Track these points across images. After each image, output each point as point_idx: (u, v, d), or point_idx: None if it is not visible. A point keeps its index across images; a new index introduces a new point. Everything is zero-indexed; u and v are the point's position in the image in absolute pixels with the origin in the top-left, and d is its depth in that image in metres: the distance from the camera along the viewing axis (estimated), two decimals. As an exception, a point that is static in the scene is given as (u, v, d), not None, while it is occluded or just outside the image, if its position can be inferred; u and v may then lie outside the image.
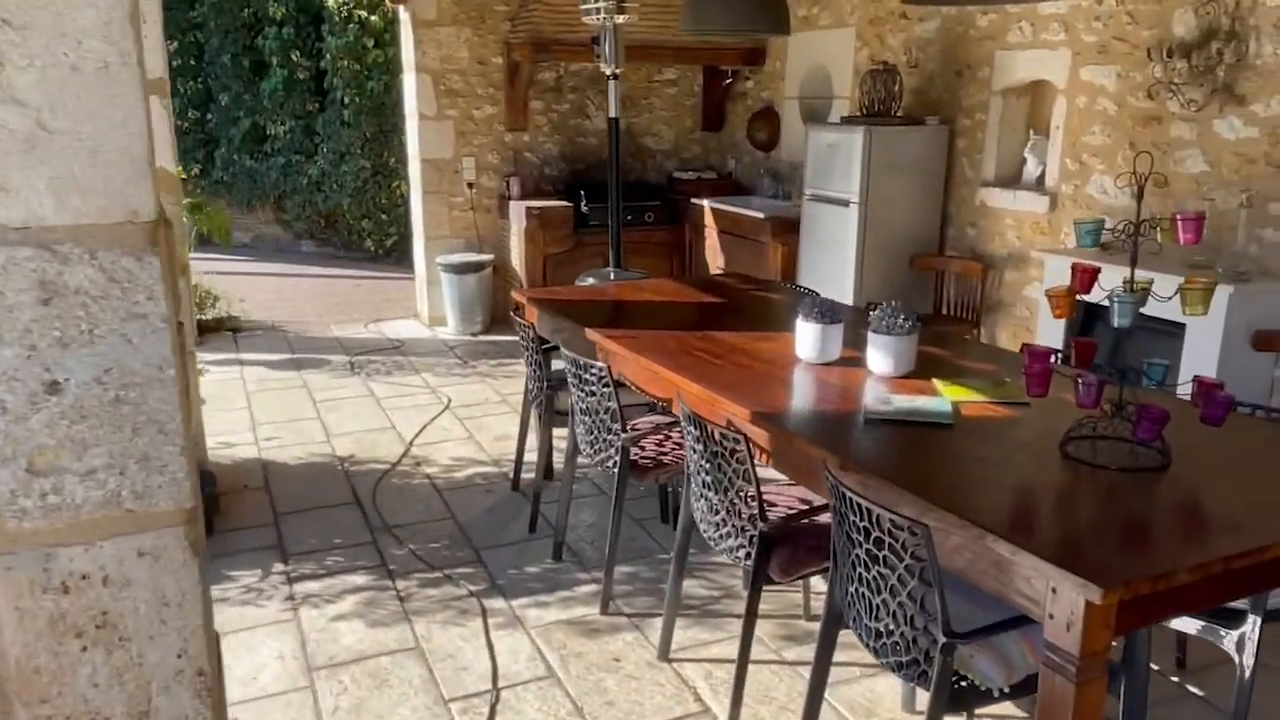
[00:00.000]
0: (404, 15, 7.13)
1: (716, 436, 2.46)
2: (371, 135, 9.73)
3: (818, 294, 4.36)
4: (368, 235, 10.25)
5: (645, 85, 7.64)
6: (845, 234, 5.47)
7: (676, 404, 2.98)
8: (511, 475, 4.40)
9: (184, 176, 11.22)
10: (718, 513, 2.56)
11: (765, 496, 2.51)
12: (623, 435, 3.08)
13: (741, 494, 2.45)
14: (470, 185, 7.33)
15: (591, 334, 3.55)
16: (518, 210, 6.99)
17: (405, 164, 7.87)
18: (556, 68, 7.37)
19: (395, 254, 10.10)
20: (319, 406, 5.59)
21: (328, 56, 9.75)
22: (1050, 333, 4.54)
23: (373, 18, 9.47)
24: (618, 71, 5.10)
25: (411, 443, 4.97)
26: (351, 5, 9.58)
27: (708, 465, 2.55)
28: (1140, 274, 2.14)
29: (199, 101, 10.80)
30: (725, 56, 7.10)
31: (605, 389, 3.10)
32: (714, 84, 7.63)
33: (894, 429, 2.47)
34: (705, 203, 6.98)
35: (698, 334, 3.49)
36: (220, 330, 7.32)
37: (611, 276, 5.29)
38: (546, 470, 4.15)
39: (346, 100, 9.73)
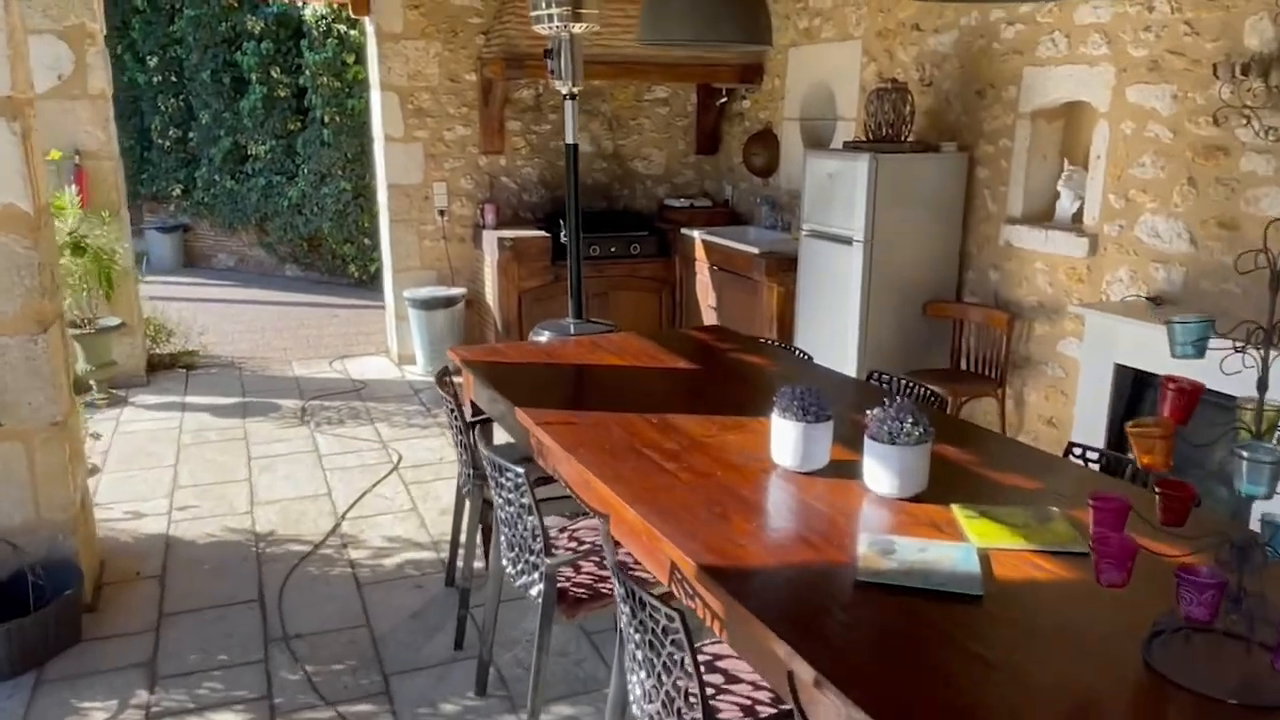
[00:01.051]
0: (369, 28, 6.53)
1: (647, 607, 1.77)
2: (353, 156, 9.14)
3: (809, 359, 3.67)
4: (350, 261, 9.65)
5: (634, 105, 6.99)
6: (848, 275, 4.79)
7: (612, 527, 2.30)
8: (446, 565, 3.73)
9: (169, 197, 10.74)
10: (652, 701, 1.87)
11: (718, 683, 1.83)
12: (546, 561, 2.40)
13: (679, 689, 1.76)
14: (441, 213, 6.69)
15: (522, 416, 2.88)
16: (491, 240, 6.35)
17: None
18: (534, 85, 6.74)
19: (378, 282, 9.46)
20: (253, 465, 4.95)
21: (307, 73, 9.17)
22: (1094, 405, 3.82)
23: (352, 32, 8.88)
24: (575, 90, 4.44)
25: (343, 517, 4.31)
26: (330, 19, 9.00)
27: (638, 637, 1.86)
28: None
29: (180, 119, 10.26)
30: (720, 73, 6.45)
31: (524, 500, 2.42)
32: (708, 103, 6.97)
33: (897, 601, 1.77)
34: (696, 234, 6.32)
35: (654, 419, 2.81)
36: (174, 367, 6.72)
37: (571, 330, 4.62)
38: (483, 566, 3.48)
39: (326, 119, 9.15)
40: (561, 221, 6.40)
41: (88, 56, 5.82)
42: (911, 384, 3.14)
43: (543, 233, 6.43)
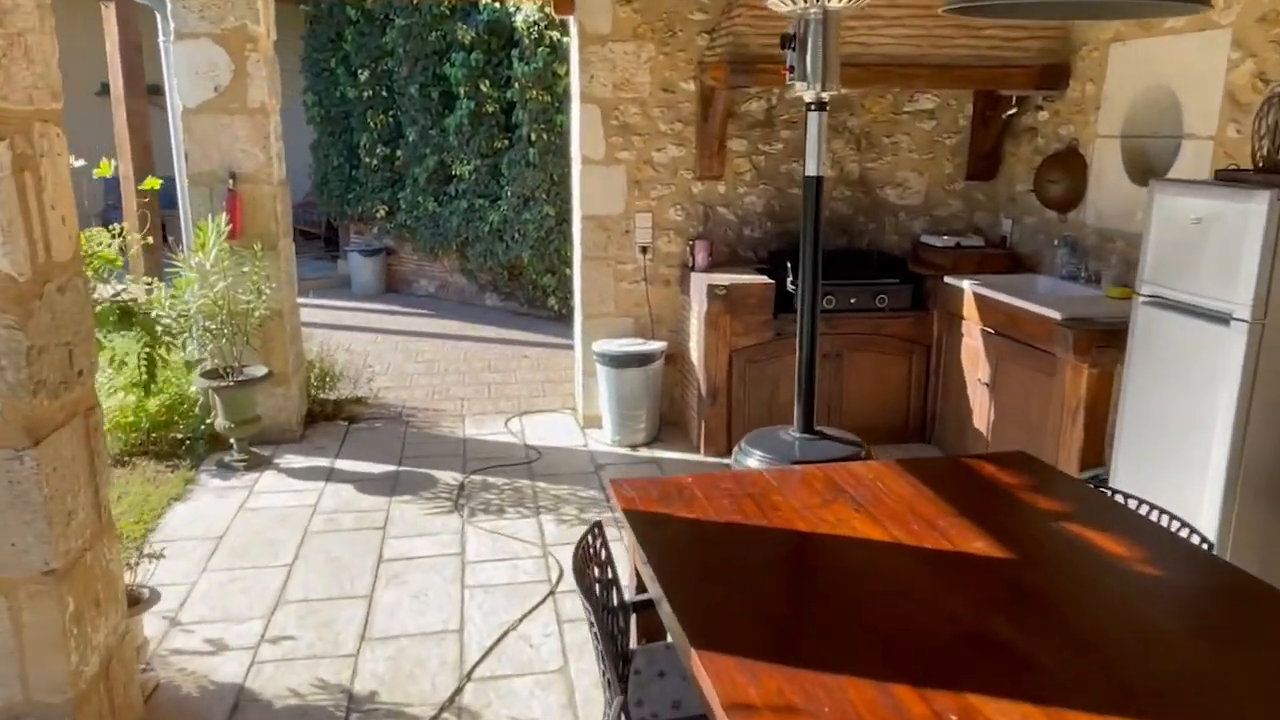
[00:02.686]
0: (572, 29, 5.47)
1: None
2: (558, 178, 8.19)
3: (1210, 547, 2.16)
4: (550, 293, 8.71)
5: (890, 118, 5.55)
6: (1220, 369, 3.17)
7: None
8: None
9: (374, 218, 10.27)
10: None
11: None
12: None
13: None
14: (644, 250, 5.52)
15: (704, 676, 1.59)
16: (700, 285, 5.10)
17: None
18: (766, 95, 5.44)
19: (579, 317, 8.50)
20: (382, 571, 3.93)
21: (515, 86, 8.32)
22: None
23: (566, 39, 7.91)
24: (824, 96, 3.09)
25: (468, 677, 3.17)
26: (544, 24, 8.09)
27: None
28: None
29: (388, 136, 9.72)
30: (1011, 77, 4.90)
31: None
32: (989, 115, 5.41)
33: None
34: (966, 284, 4.80)
35: (943, 699, 1.45)
36: (336, 418, 5.90)
37: (795, 450, 3.26)
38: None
39: (533, 137, 8.25)
40: (790, 265, 5.08)
41: (248, 65, 5.07)
42: None
43: (764, 278, 5.12)
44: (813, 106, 3.10)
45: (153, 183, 4.48)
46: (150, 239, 6.46)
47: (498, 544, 4.19)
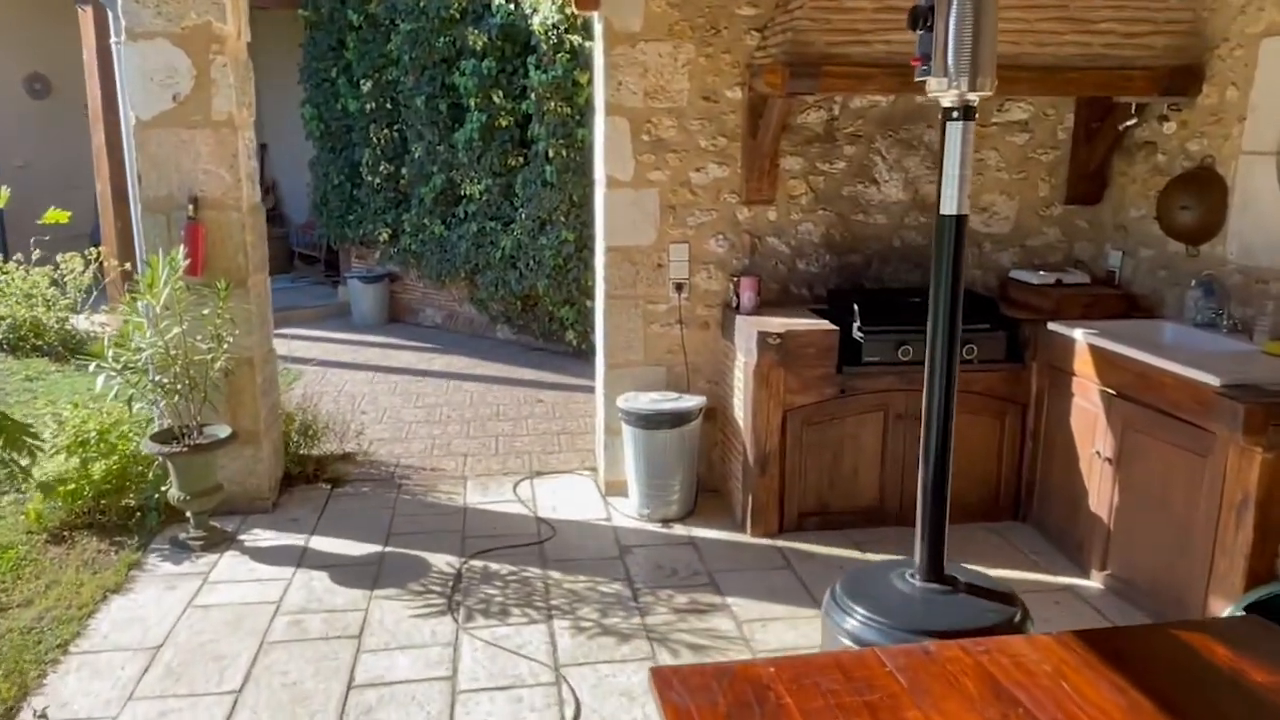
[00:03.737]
0: (597, 28, 4.64)
1: None
2: (578, 200, 7.35)
3: None
4: (569, 326, 7.86)
5: (975, 131, 4.67)
6: None
7: None
8: None
9: (376, 241, 9.49)
10: None
11: None
12: None
13: None
14: (679, 287, 4.66)
15: None
16: (748, 331, 4.24)
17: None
18: (827, 105, 4.59)
19: (601, 353, 7.63)
20: (349, 704, 3.08)
21: (532, 96, 7.50)
22: None
23: (588, 44, 7.09)
24: (973, 98, 2.21)
25: None
26: (564, 27, 7.28)
27: None
28: None
29: (393, 153, 8.92)
30: (1131, 81, 4.02)
31: None
32: (1096, 128, 4.54)
33: None
34: (1079, 334, 3.91)
35: None
36: (318, 479, 5.06)
37: (920, 611, 2.35)
38: None
39: (551, 154, 7.42)
40: (857, 307, 4.22)
41: (213, 70, 4.26)
42: None
43: (825, 322, 4.25)
44: (955, 114, 2.22)
45: (57, 215, 3.65)
46: (128, 264, 5.66)
47: (498, 663, 3.32)
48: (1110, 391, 3.74)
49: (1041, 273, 4.52)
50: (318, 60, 9.19)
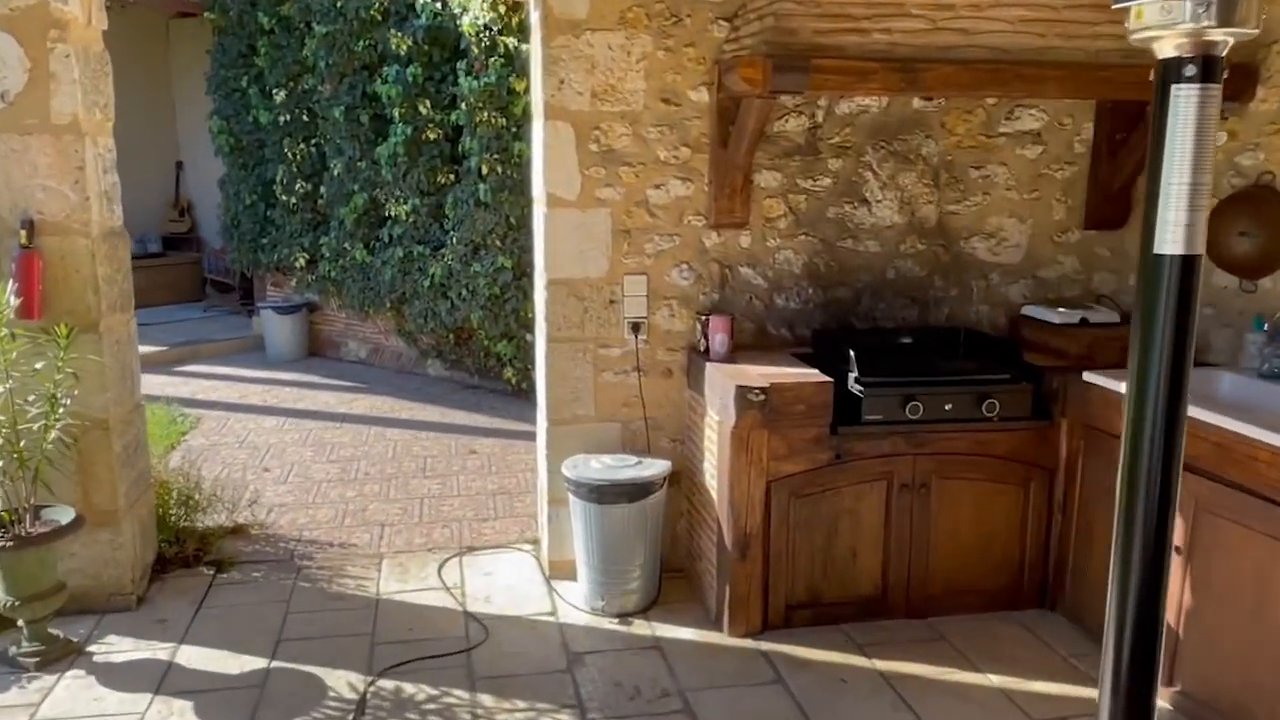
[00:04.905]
0: (533, 16, 3.86)
1: None
2: (516, 222, 6.54)
3: None
4: (507, 362, 7.02)
5: (980, 142, 3.98)
6: None
7: None
8: None
9: (292, 268, 8.56)
10: None
11: None
12: None
13: None
14: (636, 328, 3.88)
15: None
16: (721, 382, 3.46)
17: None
18: (810, 110, 3.85)
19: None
20: None
21: (462, 106, 6.69)
22: None
23: (524, 46, 6.30)
24: (1219, 41, 1.17)
25: None
26: (497, 29, 6.48)
27: None
28: None
29: (310, 170, 8.01)
30: (1180, 79, 3.34)
31: None
32: (1123, 139, 3.87)
33: None
34: (1125, 389, 3.19)
35: None
36: (198, 562, 4.16)
37: None
38: None
39: (484, 170, 6.61)
40: (851, 352, 3.47)
41: (52, 62, 3.39)
42: None
43: (814, 371, 3.50)
44: (1187, 69, 1.20)
45: None
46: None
47: (409, 845, 2.48)
48: (1170, 459, 3.03)
49: (1061, 310, 3.82)
50: (226, 68, 8.29)
